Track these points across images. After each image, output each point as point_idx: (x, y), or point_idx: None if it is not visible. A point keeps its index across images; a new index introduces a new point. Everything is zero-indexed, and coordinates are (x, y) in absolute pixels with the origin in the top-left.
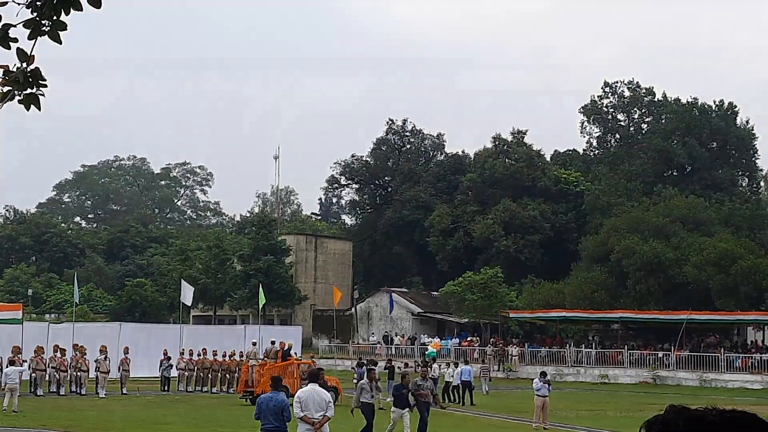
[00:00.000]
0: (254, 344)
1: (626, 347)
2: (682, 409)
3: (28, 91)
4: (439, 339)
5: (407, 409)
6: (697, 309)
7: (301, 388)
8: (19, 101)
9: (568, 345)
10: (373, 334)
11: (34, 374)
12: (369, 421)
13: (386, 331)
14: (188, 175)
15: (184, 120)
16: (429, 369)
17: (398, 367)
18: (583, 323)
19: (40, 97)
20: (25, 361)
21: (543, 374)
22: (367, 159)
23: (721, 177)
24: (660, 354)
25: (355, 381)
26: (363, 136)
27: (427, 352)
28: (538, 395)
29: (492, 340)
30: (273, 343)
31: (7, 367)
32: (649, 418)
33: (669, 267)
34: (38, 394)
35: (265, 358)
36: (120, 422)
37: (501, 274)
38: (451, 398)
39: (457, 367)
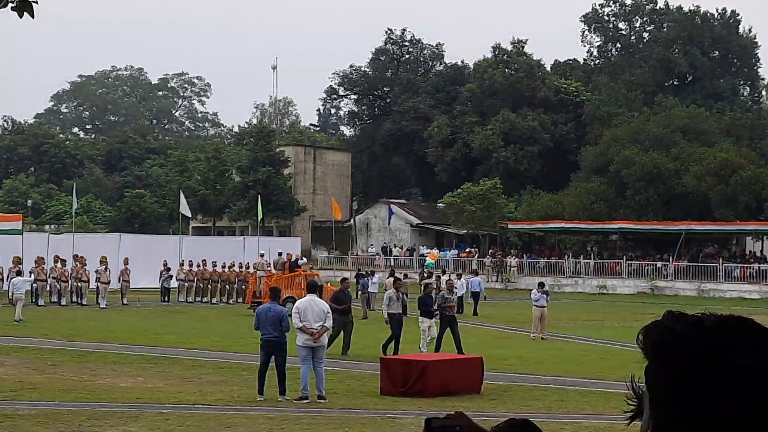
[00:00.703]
0: (262, 255)
1: (625, 258)
2: (679, 315)
3: None
4: (437, 250)
5: (434, 319)
6: (696, 219)
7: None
8: (13, 8)
9: (566, 256)
10: (371, 245)
11: (35, 284)
12: (395, 332)
13: (385, 243)
14: (186, 85)
15: (181, 30)
16: (437, 280)
17: (399, 278)
18: (581, 234)
19: (34, 4)
20: (32, 273)
21: (541, 285)
22: (366, 69)
23: (722, 86)
24: (658, 264)
25: (359, 291)
26: (362, 46)
27: (425, 263)
28: (537, 306)
29: (491, 251)
30: (280, 254)
31: (13, 277)
32: (646, 324)
33: (668, 177)
34: (39, 304)
35: (273, 269)
36: (121, 332)
37: (500, 185)
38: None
39: (460, 278)
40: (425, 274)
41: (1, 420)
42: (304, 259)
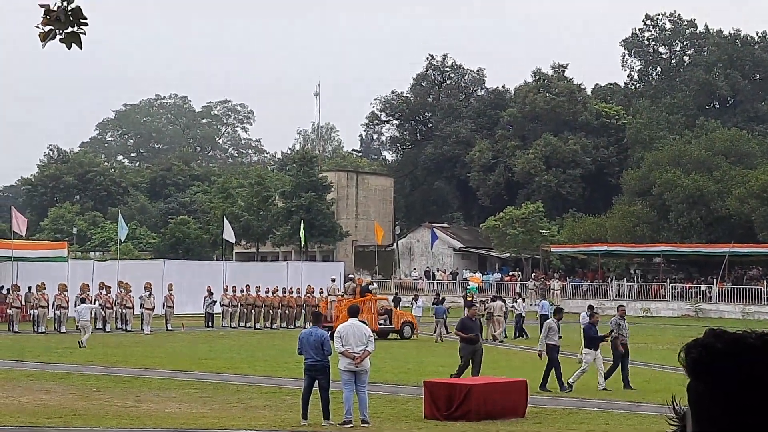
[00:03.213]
0: (333, 281)
1: (668, 280)
2: (721, 332)
3: (69, 29)
4: (480, 274)
5: (599, 350)
6: (739, 242)
7: (379, 324)
8: (61, 40)
9: (609, 279)
10: (414, 269)
11: None
12: (555, 364)
13: (428, 267)
14: (229, 113)
15: (224, 57)
16: (502, 302)
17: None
18: (624, 257)
19: (81, 35)
20: (94, 300)
21: (590, 308)
22: (408, 95)
23: (763, 109)
24: (702, 287)
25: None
26: (403, 71)
27: (468, 287)
28: None
29: (534, 274)
30: (351, 279)
31: (77, 305)
32: (688, 342)
33: (711, 200)
34: None
35: (344, 294)
36: (165, 358)
37: (542, 208)
38: (523, 334)
39: (524, 301)
40: (469, 298)
41: None
42: (375, 285)
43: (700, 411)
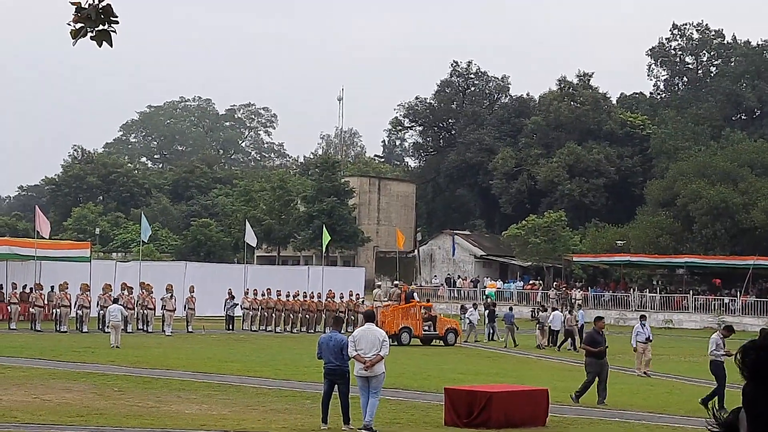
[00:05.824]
0: (380, 287)
1: (691, 292)
2: None
3: (100, 27)
4: (501, 282)
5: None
6: (764, 254)
7: (424, 330)
8: (92, 38)
9: (632, 289)
10: (435, 276)
11: (102, 311)
12: (720, 383)
13: (449, 274)
14: (253, 116)
15: (248, 61)
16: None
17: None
18: (647, 268)
19: (112, 33)
20: (117, 301)
21: (644, 317)
22: (431, 101)
23: None
24: (726, 299)
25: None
26: (427, 78)
27: (486, 293)
28: (640, 342)
29: (555, 283)
30: (396, 285)
31: (109, 305)
32: (744, 344)
33: (736, 212)
34: (106, 330)
35: (389, 300)
36: (185, 360)
37: (565, 217)
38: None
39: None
40: (490, 303)
41: None
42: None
43: (759, 413)
